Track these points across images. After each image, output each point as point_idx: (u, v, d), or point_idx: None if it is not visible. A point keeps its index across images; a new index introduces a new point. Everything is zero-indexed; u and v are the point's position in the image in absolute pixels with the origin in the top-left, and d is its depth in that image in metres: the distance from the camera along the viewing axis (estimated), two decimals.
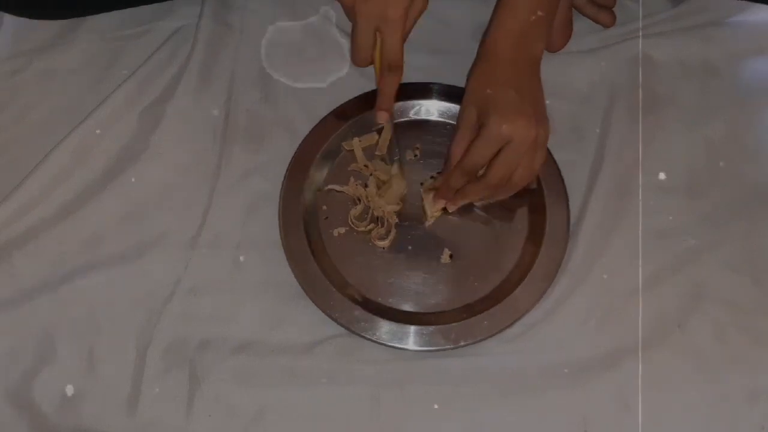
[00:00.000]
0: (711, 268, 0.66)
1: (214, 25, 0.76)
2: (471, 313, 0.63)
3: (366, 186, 0.68)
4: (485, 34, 0.64)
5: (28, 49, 0.78)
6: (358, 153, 0.70)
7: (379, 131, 0.70)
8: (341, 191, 0.68)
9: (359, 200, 0.68)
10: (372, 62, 0.66)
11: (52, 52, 0.78)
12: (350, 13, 0.63)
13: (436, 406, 0.61)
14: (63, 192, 0.70)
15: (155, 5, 0.78)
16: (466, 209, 0.68)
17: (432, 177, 0.69)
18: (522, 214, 0.68)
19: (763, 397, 0.61)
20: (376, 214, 0.67)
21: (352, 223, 0.67)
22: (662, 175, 0.70)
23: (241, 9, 0.79)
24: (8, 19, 0.79)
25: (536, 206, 0.68)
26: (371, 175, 0.69)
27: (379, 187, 0.68)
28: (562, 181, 0.68)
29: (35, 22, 0.78)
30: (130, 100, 0.73)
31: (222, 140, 0.72)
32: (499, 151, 0.60)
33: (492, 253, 0.67)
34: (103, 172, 0.71)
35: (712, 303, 0.64)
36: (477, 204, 0.68)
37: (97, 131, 0.72)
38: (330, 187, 0.69)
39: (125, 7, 0.78)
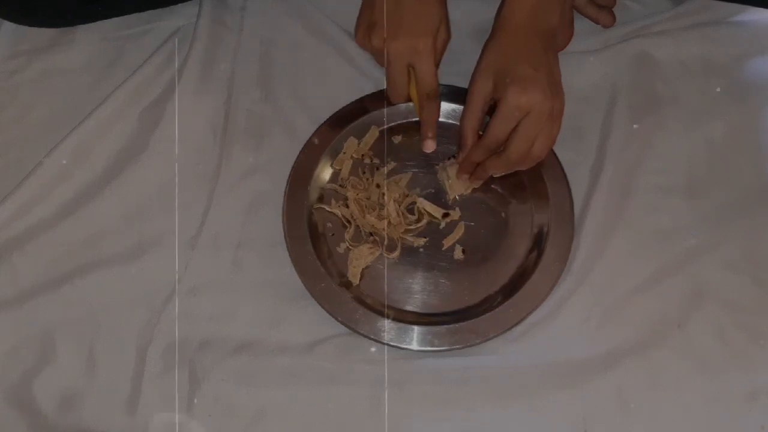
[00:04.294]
0: (711, 268, 0.66)
1: (212, 25, 0.76)
2: (489, 306, 0.63)
3: (347, 206, 0.68)
4: (500, 7, 0.65)
5: (28, 49, 0.78)
6: (345, 171, 0.70)
7: (360, 137, 0.71)
8: (331, 212, 0.68)
9: (349, 222, 0.68)
10: (409, 97, 0.69)
11: (52, 52, 0.78)
12: (380, 54, 0.66)
13: (436, 406, 0.61)
14: (63, 192, 0.70)
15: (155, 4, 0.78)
16: (470, 205, 0.68)
17: (451, 157, 0.69)
18: (526, 202, 0.68)
19: (763, 397, 0.61)
20: (367, 230, 0.67)
21: (350, 245, 0.67)
22: (662, 175, 0.70)
23: (240, 9, 0.79)
24: None
25: (540, 194, 0.68)
26: (347, 192, 0.68)
27: (361, 204, 0.67)
28: (562, 169, 0.68)
29: None
30: (130, 100, 0.73)
31: (222, 140, 0.72)
32: (518, 124, 0.61)
33: (503, 243, 0.67)
34: (103, 172, 0.71)
35: (712, 303, 0.64)
36: (496, 176, 0.68)
37: (97, 131, 0.72)
38: (319, 206, 0.68)
39: (118, 16, 0.78)
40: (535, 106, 0.60)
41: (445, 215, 0.67)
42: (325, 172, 0.70)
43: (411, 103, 0.71)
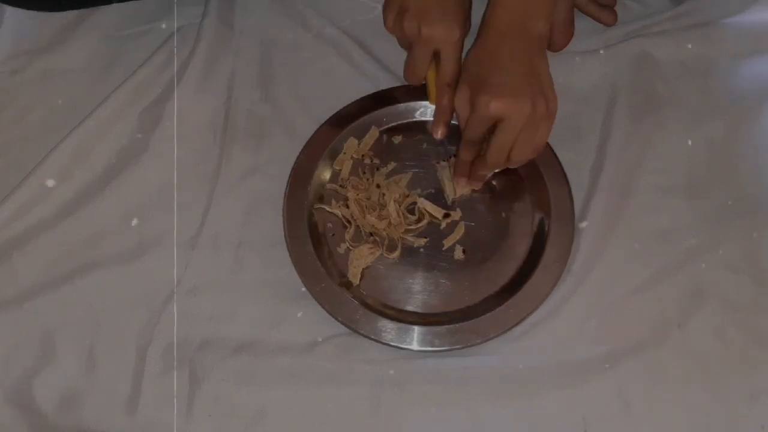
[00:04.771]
0: (711, 268, 0.66)
1: (218, 25, 0.76)
2: (490, 306, 0.63)
3: (347, 206, 0.68)
4: (485, 11, 0.64)
5: (28, 48, 0.78)
6: (345, 171, 0.70)
7: (360, 138, 0.71)
8: (331, 212, 0.68)
9: (349, 222, 0.68)
10: (424, 80, 0.70)
11: (52, 52, 0.78)
12: (411, 38, 0.66)
13: (436, 406, 0.61)
14: (63, 192, 0.70)
15: (156, 4, 0.78)
16: (470, 205, 0.68)
17: (451, 156, 0.70)
18: (526, 201, 0.68)
19: (763, 397, 0.61)
20: (367, 230, 0.67)
21: (351, 245, 0.67)
22: (662, 175, 0.70)
23: (241, 9, 0.79)
24: (9, 18, 0.79)
25: (540, 194, 0.68)
26: (348, 192, 0.68)
27: (361, 204, 0.67)
28: (562, 169, 0.68)
29: (35, 20, 0.78)
30: (130, 100, 0.73)
31: (222, 140, 0.72)
32: (496, 128, 0.61)
33: (503, 243, 0.67)
34: (103, 172, 0.71)
35: (712, 303, 0.64)
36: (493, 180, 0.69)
37: (97, 131, 0.72)
38: (319, 206, 0.68)
39: (122, 1, 0.77)
40: (507, 114, 0.59)
41: (446, 215, 0.67)
42: (326, 173, 0.70)
43: (410, 103, 0.72)
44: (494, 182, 0.69)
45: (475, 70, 0.62)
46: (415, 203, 0.68)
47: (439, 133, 0.69)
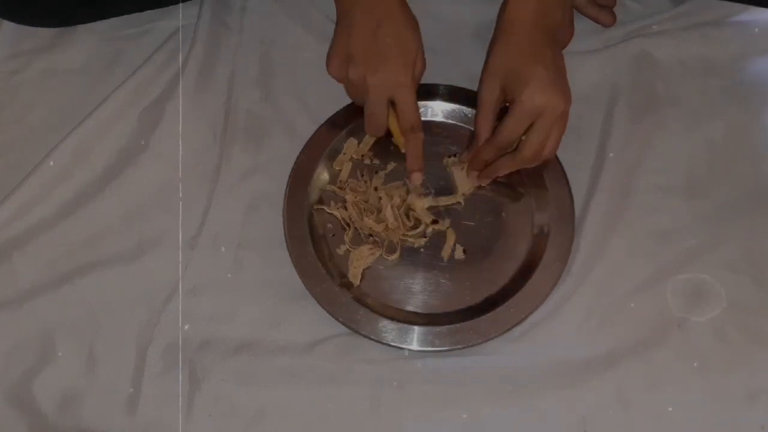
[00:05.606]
0: (711, 268, 0.66)
1: (212, 26, 0.77)
2: (490, 306, 0.63)
3: (346, 208, 0.68)
4: (502, 7, 0.64)
5: (28, 49, 0.78)
6: (344, 173, 0.70)
7: (360, 138, 0.71)
8: (331, 213, 0.68)
9: (348, 224, 0.68)
10: (389, 130, 0.67)
11: (52, 52, 0.78)
12: (360, 88, 0.64)
13: (436, 406, 0.61)
14: (63, 192, 0.70)
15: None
16: (470, 205, 0.68)
17: (454, 155, 0.69)
18: (526, 201, 0.68)
19: (763, 397, 0.61)
20: (366, 232, 0.67)
21: (350, 247, 0.67)
22: (662, 175, 0.70)
23: (240, 9, 0.79)
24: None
25: (540, 194, 0.68)
26: (346, 195, 0.68)
27: (359, 207, 0.67)
28: (562, 169, 0.68)
29: None
30: (130, 100, 0.73)
31: (222, 140, 0.72)
32: (531, 124, 0.61)
33: (503, 243, 0.67)
34: (103, 172, 0.71)
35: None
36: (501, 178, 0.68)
37: (97, 131, 0.72)
38: (319, 207, 0.68)
39: (118, 15, 0.77)
40: (548, 108, 0.59)
41: (434, 222, 0.67)
42: (325, 173, 0.70)
43: (419, 102, 0.72)
44: (498, 179, 0.69)
45: (505, 66, 0.62)
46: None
47: (416, 180, 0.67)
